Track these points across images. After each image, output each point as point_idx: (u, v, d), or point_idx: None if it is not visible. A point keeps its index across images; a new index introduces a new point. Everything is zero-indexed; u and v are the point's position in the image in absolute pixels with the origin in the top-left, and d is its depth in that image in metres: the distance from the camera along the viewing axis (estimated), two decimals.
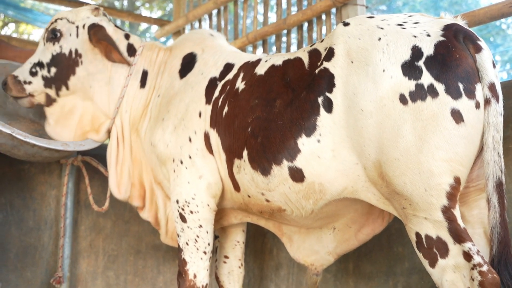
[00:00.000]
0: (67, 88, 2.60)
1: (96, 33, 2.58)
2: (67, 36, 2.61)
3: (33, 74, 2.61)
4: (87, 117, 2.63)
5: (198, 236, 2.27)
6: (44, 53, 2.62)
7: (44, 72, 2.60)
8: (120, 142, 2.61)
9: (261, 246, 3.24)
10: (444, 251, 1.70)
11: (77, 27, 2.62)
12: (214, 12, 4.37)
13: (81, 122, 2.63)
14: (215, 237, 2.67)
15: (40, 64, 2.61)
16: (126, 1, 11.31)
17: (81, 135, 2.63)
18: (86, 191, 2.97)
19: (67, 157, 2.90)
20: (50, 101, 2.63)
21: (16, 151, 2.49)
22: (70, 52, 2.60)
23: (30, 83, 2.60)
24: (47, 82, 2.60)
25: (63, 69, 2.59)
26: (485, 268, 1.64)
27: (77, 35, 2.61)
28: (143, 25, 11.69)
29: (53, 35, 2.61)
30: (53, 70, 2.60)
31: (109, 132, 2.63)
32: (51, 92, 2.61)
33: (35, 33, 10.57)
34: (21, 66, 2.70)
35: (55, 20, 2.65)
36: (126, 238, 3.28)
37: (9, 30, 10.94)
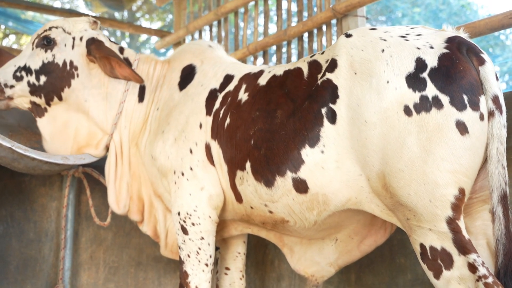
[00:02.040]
0: (60, 99, 2.52)
1: (100, 48, 2.52)
2: (62, 46, 2.53)
3: (17, 78, 2.50)
4: (83, 131, 2.57)
5: (199, 248, 2.26)
6: (33, 58, 2.52)
7: (31, 78, 2.51)
8: (119, 157, 2.58)
9: (263, 257, 3.23)
10: (448, 262, 1.69)
11: (74, 38, 2.56)
12: (215, 23, 4.40)
13: (76, 137, 2.57)
14: (216, 249, 2.66)
15: (26, 69, 2.51)
16: (126, 12, 11.36)
17: (77, 150, 2.58)
18: (87, 203, 2.96)
19: (68, 169, 2.89)
20: (40, 111, 2.54)
21: (16, 164, 2.49)
22: (65, 63, 2.52)
23: (12, 87, 2.50)
24: (35, 90, 2.51)
25: (55, 79, 2.50)
26: (490, 280, 1.63)
27: (73, 47, 2.54)
28: (143, 36, 11.75)
29: (46, 42, 2.51)
30: (43, 78, 2.50)
31: (107, 147, 2.61)
32: (40, 101, 2.53)
33: None
34: (1, 68, 2.56)
35: (49, 28, 2.56)
36: (127, 250, 3.27)
37: (9, 41, 10.97)
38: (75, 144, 2.56)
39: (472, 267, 1.66)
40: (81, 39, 2.56)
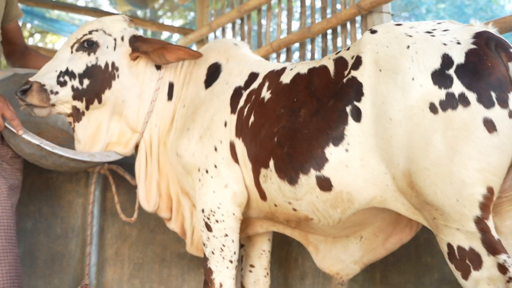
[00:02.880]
0: (100, 101, 2.49)
1: (149, 42, 2.51)
2: (104, 48, 2.51)
3: (61, 83, 2.44)
4: (114, 131, 2.57)
5: (223, 245, 2.27)
6: (75, 62, 2.48)
7: (75, 83, 2.46)
8: (148, 156, 2.58)
9: (286, 255, 3.23)
10: (477, 263, 1.66)
11: (115, 39, 2.54)
12: (238, 21, 4.40)
13: (108, 138, 2.56)
14: (241, 246, 2.66)
15: (70, 74, 2.46)
16: (148, 10, 11.46)
17: (106, 148, 2.58)
18: (113, 199, 2.99)
19: (95, 166, 2.93)
20: (79, 115, 2.50)
21: (44, 161, 2.53)
22: (107, 64, 2.50)
23: (56, 93, 2.44)
24: (78, 94, 2.47)
25: (97, 81, 2.47)
26: None
27: (115, 48, 2.53)
28: (165, 34, 11.83)
29: (88, 46, 2.48)
30: (86, 82, 2.46)
31: (136, 146, 2.61)
32: (81, 105, 2.49)
33: (61, 42, 10.77)
34: (39, 72, 2.48)
35: (90, 32, 2.53)
36: (152, 246, 3.30)
37: (35, 40, 11.17)
38: (105, 144, 2.57)
39: (502, 268, 1.62)
40: (122, 38, 2.55)
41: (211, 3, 4.87)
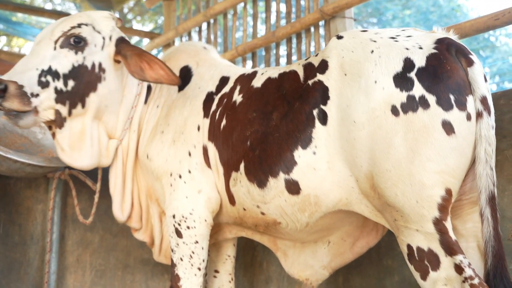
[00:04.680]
0: (83, 105, 2.26)
1: (132, 46, 2.33)
2: (92, 46, 2.27)
3: (42, 84, 2.15)
4: (95, 137, 2.36)
5: (193, 252, 2.23)
6: (60, 60, 2.21)
7: (59, 84, 2.19)
8: (124, 163, 2.46)
9: (251, 259, 3.21)
10: (435, 263, 1.69)
11: (104, 38, 2.33)
12: (204, 25, 4.38)
13: (92, 145, 2.36)
14: None
15: (53, 73, 2.18)
16: (117, 14, 11.32)
17: (97, 163, 2.39)
18: (73, 206, 2.92)
19: (53, 171, 2.86)
20: (61, 121, 2.24)
21: None
22: (93, 65, 2.27)
23: (37, 95, 2.14)
24: (61, 96, 2.20)
25: (82, 83, 2.24)
26: (476, 281, 1.63)
27: (103, 47, 2.32)
28: (134, 38, 11.70)
29: (75, 43, 2.23)
30: (71, 83, 2.21)
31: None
32: (63, 109, 2.23)
33: (27, 46, 10.54)
34: (14, 69, 2.16)
35: (78, 25, 2.27)
36: (114, 252, 3.24)
37: (0, 44, 10.89)
38: (94, 154, 2.36)
39: (459, 268, 1.65)
40: (110, 38, 2.34)
41: (178, 7, 4.83)
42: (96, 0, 6.31)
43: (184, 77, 2.46)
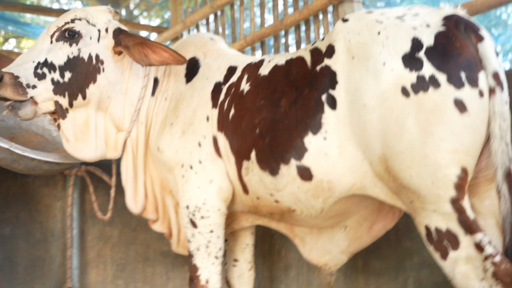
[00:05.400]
0: (84, 97, 2.31)
1: (131, 36, 2.35)
2: (87, 39, 2.32)
3: (39, 76, 2.23)
4: (100, 129, 2.41)
5: (209, 241, 2.25)
6: (55, 53, 2.28)
7: (55, 75, 2.26)
8: (135, 156, 2.49)
9: (269, 247, 3.23)
10: (455, 243, 1.68)
11: (99, 30, 2.37)
12: (211, 16, 4.38)
13: (97, 137, 2.40)
14: (224, 241, 2.65)
15: (49, 65, 2.26)
16: (124, 10, 11.34)
17: (102, 155, 2.44)
18: (91, 201, 2.96)
19: (70, 168, 2.89)
20: (63, 112, 2.31)
21: (16, 165, 2.49)
22: (90, 57, 2.31)
23: (34, 86, 2.22)
24: (59, 88, 2.27)
25: (81, 75, 2.29)
26: (498, 258, 1.62)
27: (98, 39, 2.35)
28: (142, 34, 11.73)
29: (69, 36, 2.29)
30: (68, 75, 2.28)
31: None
32: (63, 100, 2.29)
33: None
34: (14, 62, 2.26)
35: (72, 20, 2.33)
36: (134, 246, 3.27)
37: (10, 45, 10.99)
38: (99, 146, 2.41)
39: (479, 247, 1.65)
40: (106, 30, 2.38)
41: (184, 0, 4.84)
42: None
43: (192, 68, 2.46)
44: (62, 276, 3.12)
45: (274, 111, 2.03)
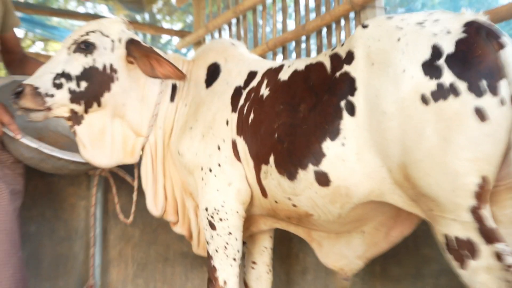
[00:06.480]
0: (99, 104, 2.41)
1: (139, 47, 2.44)
2: (101, 49, 2.42)
3: (57, 86, 2.35)
4: (118, 136, 2.50)
5: (227, 243, 2.29)
6: (71, 64, 2.39)
7: (72, 85, 2.37)
8: (154, 159, 2.56)
9: (287, 251, 3.24)
10: (474, 252, 1.67)
11: (113, 41, 2.47)
12: (234, 21, 4.43)
13: (114, 143, 2.49)
14: (243, 244, 2.68)
15: (66, 76, 2.37)
16: (147, 15, 11.49)
17: (118, 162, 2.52)
18: (114, 201, 3.02)
19: (94, 168, 2.96)
20: (78, 118, 2.42)
21: (44, 164, 2.55)
22: (104, 67, 2.41)
23: (52, 96, 2.33)
24: (76, 97, 2.37)
25: (95, 84, 2.39)
26: None
27: (112, 50, 2.45)
28: (165, 38, 11.85)
29: (85, 47, 2.40)
30: (84, 84, 2.38)
31: (141, 151, 2.58)
32: (79, 108, 2.40)
33: None
34: (34, 75, 2.37)
35: (87, 33, 2.44)
36: (154, 246, 3.32)
37: (37, 48, 11.20)
38: (115, 152, 2.49)
39: (500, 257, 1.63)
40: (119, 40, 2.48)
41: (207, 5, 4.89)
42: (127, 1, 6.44)
43: (212, 73, 2.51)
44: (84, 274, 3.18)
45: (293, 116, 2.05)
